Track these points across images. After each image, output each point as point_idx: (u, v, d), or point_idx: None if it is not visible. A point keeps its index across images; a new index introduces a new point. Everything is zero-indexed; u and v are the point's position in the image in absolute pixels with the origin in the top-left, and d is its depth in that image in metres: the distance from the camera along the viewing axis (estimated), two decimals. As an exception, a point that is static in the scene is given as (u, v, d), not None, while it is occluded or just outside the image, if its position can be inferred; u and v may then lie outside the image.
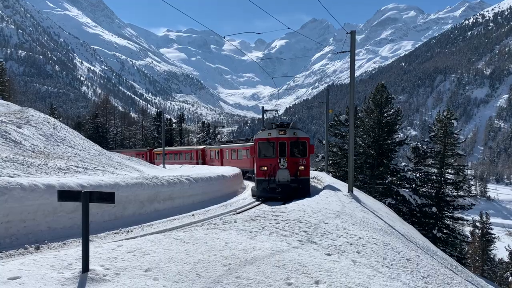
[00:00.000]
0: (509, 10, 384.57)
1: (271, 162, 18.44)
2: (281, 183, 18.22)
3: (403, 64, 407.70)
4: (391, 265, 6.69)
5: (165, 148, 57.74)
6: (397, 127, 36.20)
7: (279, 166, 18.36)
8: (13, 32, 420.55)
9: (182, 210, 15.44)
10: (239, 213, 14.10)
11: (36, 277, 4.31)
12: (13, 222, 9.40)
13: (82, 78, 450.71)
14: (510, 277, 39.19)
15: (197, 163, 43.64)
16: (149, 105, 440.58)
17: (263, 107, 26.76)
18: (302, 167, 18.52)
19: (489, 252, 51.07)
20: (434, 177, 33.74)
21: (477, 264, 49.25)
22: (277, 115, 32.96)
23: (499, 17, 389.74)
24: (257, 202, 18.15)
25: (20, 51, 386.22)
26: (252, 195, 19.27)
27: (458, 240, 33.49)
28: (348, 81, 18.10)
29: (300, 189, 18.02)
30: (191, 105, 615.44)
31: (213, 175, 20.26)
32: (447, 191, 33.56)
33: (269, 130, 18.86)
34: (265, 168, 18.49)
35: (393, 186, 33.99)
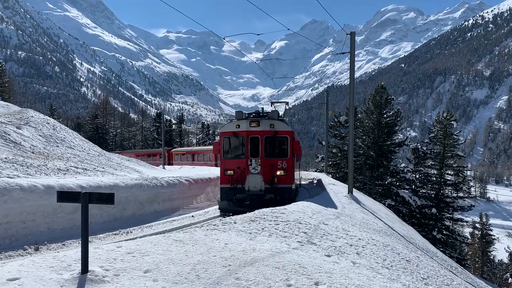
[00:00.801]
0: (508, 12, 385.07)
1: (239, 164, 13.95)
2: (252, 193, 13.70)
3: (403, 65, 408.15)
4: (391, 266, 6.68)
5: (181, 148, 57.65)
6: (396, 128, 36.20)
7: (250, 170, 13.87)
8: (13, 33, 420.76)
9: (181, 211, 15.45)
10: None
11: (35, 278, 4.30)
12: (12, 223, 9.39)
13: (81, 79, 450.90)
14: (510, 279, 39.15)
15: (216, 165, 38.99)
16: (148, 106, 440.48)
17: (271, 102, 24.18)
18: (282, 172, 13.92)
19: (488, 253, 51.08)
20: (434, 178, 33.74)
21: (477, 265, 49.24)
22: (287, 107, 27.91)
23: (498, 19, 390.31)
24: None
25: (20, 52, 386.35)
26: (219, 208, 14.51)
27: (458, 241, 33.46)
28: (348, 82, 18.09)
29: (278, 201, 13.22)
30: (190, 106, 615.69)
31: (213, 176, 20.26)
32: (446, 192, 33.55)
33: (238, 121, 14.25)
34: (231, 172, 13.95)
35: (393, 187, 33.99)
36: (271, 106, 24.02)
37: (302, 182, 25.47)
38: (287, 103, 23.20)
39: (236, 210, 13.37)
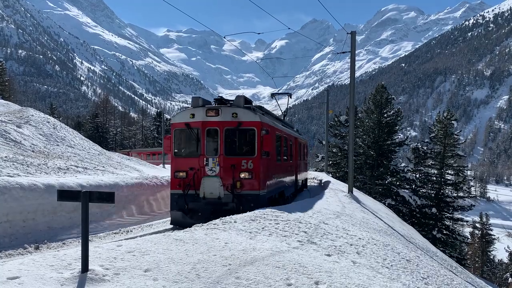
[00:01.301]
0: (509, 11, 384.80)
1: (193, 164, 11.21)
2: (208, 201, 11.01)
3: (403, 64, 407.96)
4: (391, 266, 6.68)
5: None
6: (397, 127, 36.21)
7: (206, 172, 11.14)
8: (13, 31, 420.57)
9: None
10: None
11: (36, 277, 4.30)
12: (12, 221, 9.40)
13: (82, 78, 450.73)
14: (510, 278, 39.15)
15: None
16: (149, 105, 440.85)
17: (272, 94, 22.09)
18: (246, 174, 10.99)
19: (488, 253, 51.06)
20: (434, 178, 33.75)
21: (476, 265, 49.23)
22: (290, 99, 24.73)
23: (499, 18, 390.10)
24: None
25: (20, 51, 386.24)
26: (171, 221, 11.71)
27: (458, 241, 33.48)
28: (348, 82, 18.09)
29: (243, 212, 9.88)
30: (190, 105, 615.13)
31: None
32: (447, 192, 33.56)
33: (193, 110, 11.50)
34: (183, 174, 11.27)
35: (393, 186, 34.00)
36: (272, 98, 22.40)
37: (309, 184, 24.91)
38: (289, 94, 21.85)
39: (188, 223, 10.38)
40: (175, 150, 11.58)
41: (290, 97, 21.97)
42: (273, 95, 22.19)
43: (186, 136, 11.56)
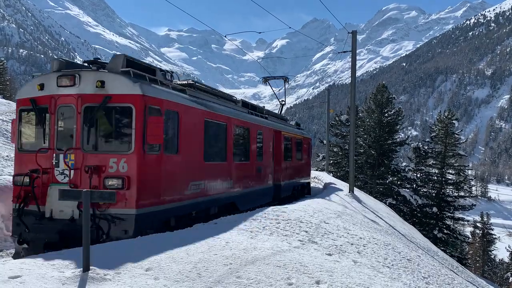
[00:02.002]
0: (510, 11, 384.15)
1: (39, 163, 7.42)
2: (57, 224, 7.18)
3: (404, 64, 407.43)
4: (392, 265, 6.68)
5: None
6: (398, 127, 36.20)
7: (55, 177, 7.46)
8: (14, 31, 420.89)
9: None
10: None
11: (37, 276, 4.31)
12: (14, 221, 9.36)
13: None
14: (511, 278, 39.14)
15: None
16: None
17: (264, 78, 19.00)
18: (115, 182, 7.19)
19: (489, 252, 51.01)
20: (435, 178, 33.72)
21: (477, 264, 49.18)
22: (288, 85, 20.24)
23: (500, 18, 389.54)
24: None
25: (21, 50, 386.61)
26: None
27: (459, 240, 33.47)
28: (349, 81, 18.08)
29: (109, 240, 6.84)
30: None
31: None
32: (448, 191, 33.53)
33: (43, 77, 7.80)
34: (26, 179, 7.48)
35: (394, 186, 33.98)
36: (265, 83, 19.51)
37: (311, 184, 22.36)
38: (286, 78, 19.28)
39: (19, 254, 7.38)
40: (20, 142, 8.00)
41: (287, 82, 19.49)
42: (265, 80, 19.54)
43: (32, 119, 7.89)
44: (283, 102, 19.71)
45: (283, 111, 21.53)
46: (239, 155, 11.84)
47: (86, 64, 8.15)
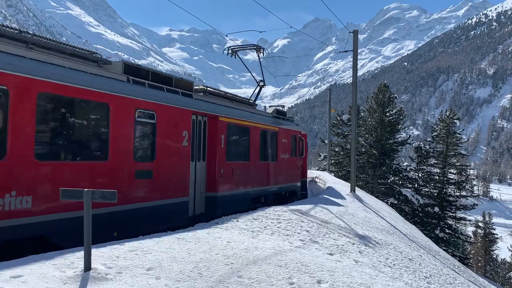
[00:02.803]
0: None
1: None
2: None
3: (406, 63, 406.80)
4: (394, 265, 6.67)
5: None
6: (399, 126, 36.14)
7: None
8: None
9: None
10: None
11: (38, 275, 4.31)
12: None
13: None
14: (513, 278, 39.07)
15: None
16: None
17: (230, 47, 15.33)
18: None
19: (491, 252, 50.93)
20: (437, 177, 33.70)
21: (479, 264, 49.11)
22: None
23: (502, 17, 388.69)
24: None
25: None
26: None
27: (461, 240, 33.45)
28: (351, 81, 18.06)
29: None
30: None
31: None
32: (449, 191, 33.50)
33: None
34: None
35: (396, 185, 33.93)
36: (232, 55, 15.74)
37: (311, 184, 20.99)
38: (257, 47, 15.21)
39: None
40: None
41: (261, 53, 15.32)
42: (233, 51, 15.44)
43: None
44: (262, 83, 15.86)
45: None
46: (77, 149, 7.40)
47: None
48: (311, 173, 31.51)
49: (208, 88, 12.17)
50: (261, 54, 15.04)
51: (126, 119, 8.23)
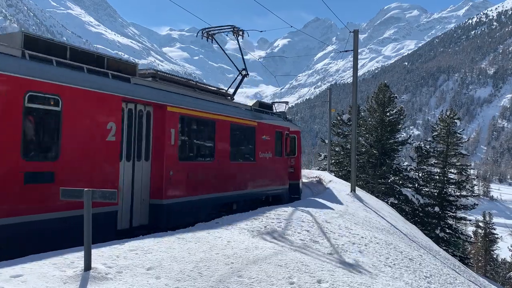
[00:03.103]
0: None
1: None
2: None
3: (406, 63, 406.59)
4: (394, 264, 6.67)
5: None
6: (399, 126, 36.13)
7: None
8: (16, 30, 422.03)
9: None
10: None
11: (39, 275, 4.31)
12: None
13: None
14: (513, 277, 39.05)
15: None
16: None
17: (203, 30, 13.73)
18: None
19: (492, 252, 50.90)
20: (437, 177, 33.69)
21: (479, 264, 49.10)
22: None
23: (502, 16, 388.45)
24: None
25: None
26: None
27: (461, 240, 33.44)
28: (351, 81, 18.06)
29: None
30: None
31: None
32: (450, 190, 33.50)
33: None
34: None
35: (396, 185, 33.92)
36: (209, 39, 14.15)
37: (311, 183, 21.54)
38: (235, 29, 13.72)
39: None
40: None
41: (238, 35, 13.84)
42: (208, 34, 13.79)
43: None
44: (245, 72, 14.38)
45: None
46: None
47: None
48: (311, 173, 31.51)
49: (159, 73, 10.00)
50: (240, 37, 13.39)
51: (9, 103, 6.21)
